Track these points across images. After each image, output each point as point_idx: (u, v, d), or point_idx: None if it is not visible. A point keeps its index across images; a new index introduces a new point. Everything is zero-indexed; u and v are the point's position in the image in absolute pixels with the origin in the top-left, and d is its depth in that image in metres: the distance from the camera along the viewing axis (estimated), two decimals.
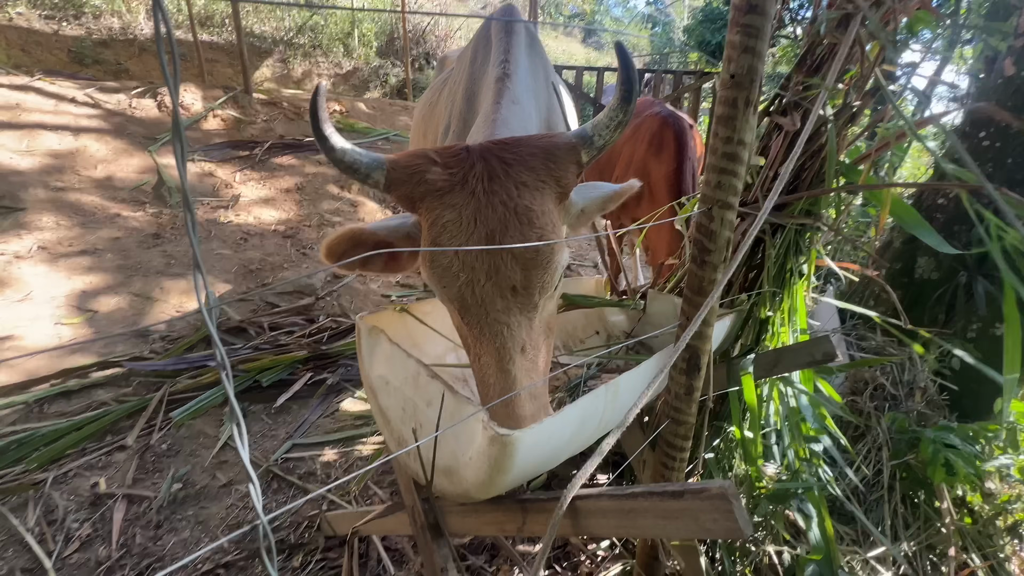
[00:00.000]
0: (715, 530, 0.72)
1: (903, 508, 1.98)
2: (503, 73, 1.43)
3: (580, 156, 1.02)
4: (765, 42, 1.04)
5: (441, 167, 0.98)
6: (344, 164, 0.97)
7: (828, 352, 1.45)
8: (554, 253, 0.98)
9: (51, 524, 1.77)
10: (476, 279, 0.94)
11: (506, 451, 0.86)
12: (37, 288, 2.97)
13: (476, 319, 0.97)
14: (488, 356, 0.97)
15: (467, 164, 0.98)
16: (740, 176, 1.12)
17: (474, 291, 0.95)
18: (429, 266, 0.98)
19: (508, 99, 1.36)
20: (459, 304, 0.98)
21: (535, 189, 0.98)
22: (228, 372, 0.52)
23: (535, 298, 0.98)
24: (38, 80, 4.94)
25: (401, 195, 0.99)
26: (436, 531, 1.22)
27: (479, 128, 1.33)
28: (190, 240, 0.47)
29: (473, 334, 0.99)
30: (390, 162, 0.99)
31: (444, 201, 0.96)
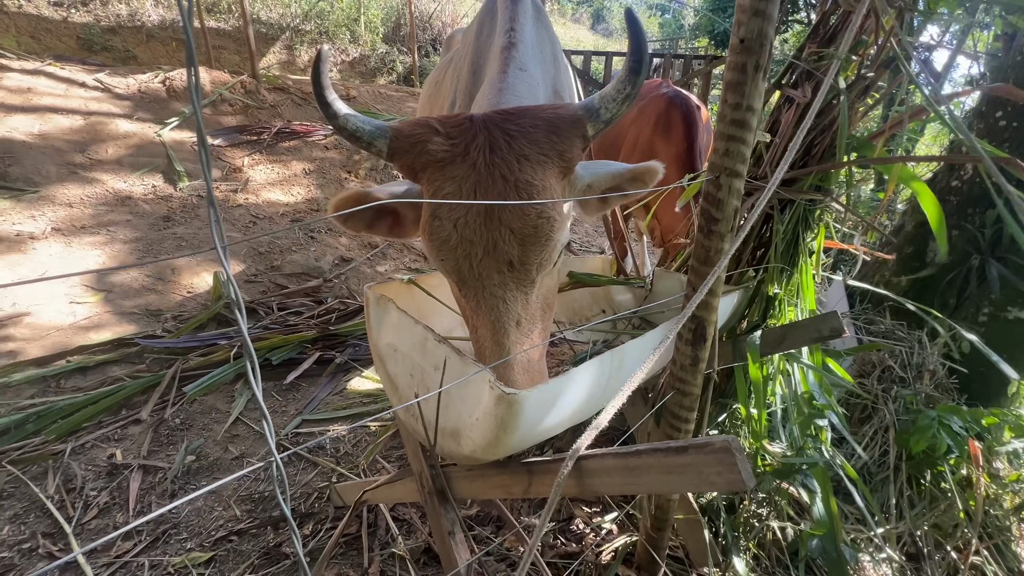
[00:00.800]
0: (718, 483, 0.73)
1: (909, 489, 1.98)
2: (509, 42, 1.41)
3: (586, 129, 0.99)
4: (776, 4, 1.02)
5: (443, 137, 0.97)
6: (347, 131, 0.97)
7: (835, 328, 1.44)
8: (553, 229, 0.97)
9: (70, 492, 1.82)
10: (473, 253, 0.94)
11: (512, 410, 0.87)
12: (52, 268, 3.03)
13: (473, 292, 0.97)
14: (484, 328, 0.97)
15: (469, 134, 0.97)
16: (749, 143, 1.11)
17: (471, 265, 0.95)
18: (428, 238, 0.98)
19: (515, 66, 1.35)
20: (456, 277, 0.98)
21: (537, 163, 0.96)
22: (242, 310, 0.54)
23: (532, 274, 0.98)
24: (49, 65, 4.98)
25: (403, 164, 0.99)
26: (443, 496, 1.24)
27: (485, 95, 1.32)
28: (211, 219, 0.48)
29: (470, 306, 0.99)
30: (393, 130, 0.99)
31: (445, 172, 0.95)
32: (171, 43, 8.93)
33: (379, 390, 2.53)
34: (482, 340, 0.98)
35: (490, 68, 1.47)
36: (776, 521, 1.70)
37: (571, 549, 1.63)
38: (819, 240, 1.72)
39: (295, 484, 1.92)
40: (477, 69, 1.64)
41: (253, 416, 2.29)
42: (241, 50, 8.85)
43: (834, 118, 1.51)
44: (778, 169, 1.18)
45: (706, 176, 1.14)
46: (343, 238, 4.20)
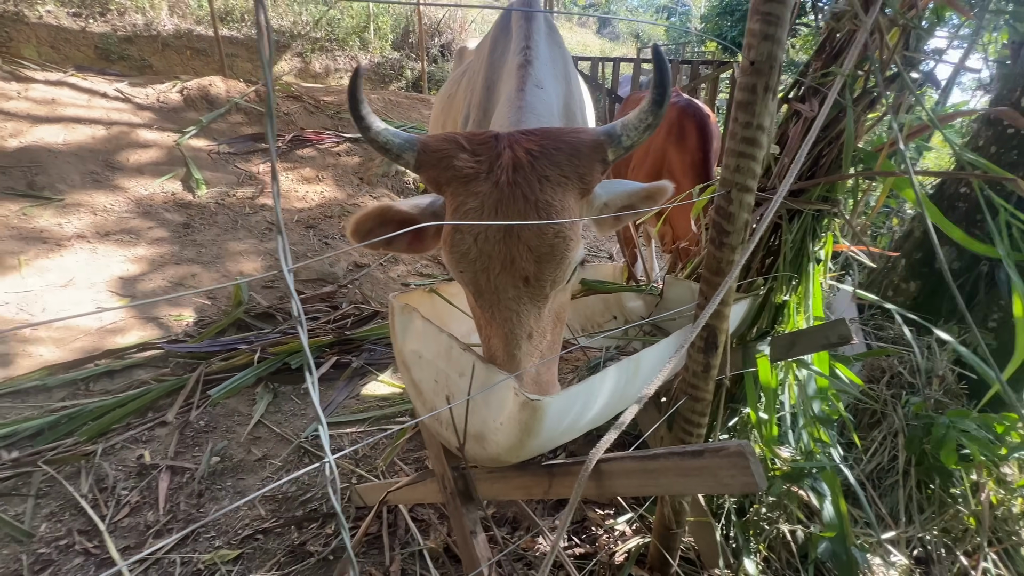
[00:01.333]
0: (732, 484, 0.78)
1: (918, 494, 2.00)
2: (525, 60, 1.46)
3: (606, 154, 1.03)
4: (785, 30, 1.07)
5: (469, 154, 1.01)
6: (378, 144, 1.01)
7: (843, 334, 1.49)
8: (568, 249, 1.00)
9: (103, 491, 1.89)
10: (491, 267, 0.98)
11: (536, 415, 0.93)
12: (79, 275, 3.13)
13: (488, 304, 1.02)
14: (497, 338, 1.02)
15: (494, 153, 1.00)
16: (758, 160, 1.16)
17: (488, 278, 0.99)
18: (448, 250, 1.02)
19: (532, 84, 1.40)
20: (473, 288, 1.03)
21: (557, 184, 1.00)
22: (303, 323, 0.60)
23: (546, 290, 1.01)
24: (71, 76, 5.12)
25: (429, 177, 1.04)
26: (466, 497, 1.30)
27: (503, 112, 1.37)
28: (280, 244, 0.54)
29: (484, 317, 1.04)
30: (421, 144, 1.03)
31: (468, 188, 0.99)
32: (185, 52, 9.11)
33: (395, 394, 2.59)
34: (494, 349, 1.02)
35: (505, 84, 1.52)
36: (786, 524, 1.74)
37: (585, 550, 1.68)
38: (827, 249, 1.76)
39: (316, 485, 1.98)
40: (491, 85, 1.69)
41: (274, 419, 2.36)
42: (253, 57, 9.02)
43: (841, 131, 1.56)
44: (785, 180, 1.23)
45: (718, 190, 1.19)
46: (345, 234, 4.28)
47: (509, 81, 1.50)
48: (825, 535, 1.57)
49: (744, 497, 1.81)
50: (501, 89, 1.58)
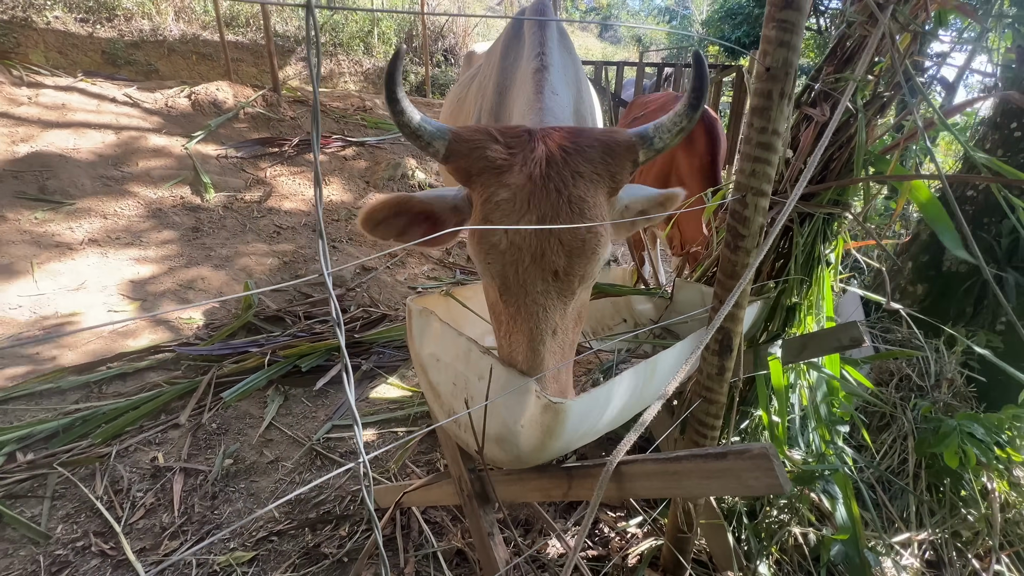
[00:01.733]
0: (756, 487, 0.79)
1: (929, 497, 2.00)
2: (541, 65, 1.47)
3: (637, 155, 1.04)
4: (800, 36, 1.09)
5: (502, 145, 1.01)
6: (410, 129, 0.98)
7: (855, 337, 1.49)
8: (599, 244, 1.00)
9: (117, 493, 1.91)
10: (521, 260, 0.97)
11: (558, 418, 0.94)
12: (91, 278, 3.15)
13: (515, 298, 1.00)
14: (520, 335, 1.00)
15: (528, 146, 1.00)
16: (774, 164, 1.17)
17: (517, 271, 0.98)
18: (478, 241, 1.00)
19: (549, 90, 1.41)
20: (501, 282, 1.00)
21: (590, 180, 1.00)
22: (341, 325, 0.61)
23: (574, 285, 1.01)
24: (80, 81, 5.17)
25: (458, 167, 1.02)
26: (483, 499, 1.31)
27: (524, 115, 1.38)
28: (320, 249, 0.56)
29: (509, 312, 1.01)
30: (453, 133, 1.01)
31: (501, 180, 0.98)
32: (191, 57, 9.17)
33: (404, 396, 2.60)
34: (515, 346, 1.00)
35: (519, 90, 1.54)
36: (798, 527, 1.74)
37: (598, 552, 1.68)
38: (837, 252, 1.77)
39: (330, 487, 1.99)
40: (503, 90, 1.71)
41: (285, 422, 2.38)
42: (258, 62, 9.07)
43: (851, 135, 1.57)
44: (798, 185, 1.24)
45: (733, 194, 1.21)
46: (363, 247, 4.31)
47: (523, 86, 1.52)
48: (837, 537, 1.58)
49: (755, 499, 1.81)
50: (514, 94, 1.60)
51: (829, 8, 7.58)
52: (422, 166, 5.57)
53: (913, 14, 1.41)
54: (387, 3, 11.13)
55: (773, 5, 1.07)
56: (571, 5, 24.36)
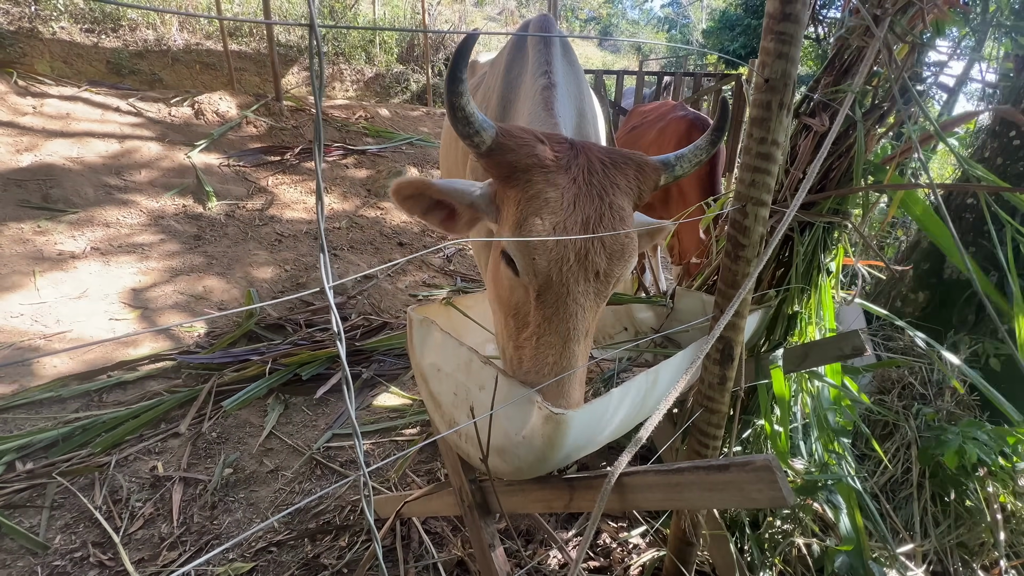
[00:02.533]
0: (760, 499, 0.79)
1: (933, 507, 1.99)
2: (549, 82, 1.51)
3: (660, 178, 1.13)
4: (798, 48, 1.10)
5: (549, 147, 1.05)
6: (463, 112, 0.97)
7: (857, 346, 1.49)
8: (634, 251, 1.07)
9: (116, 503, 1.90)
10: (566, 257, 0.99)
11: (560, 429, 0.94)
12: (92, 286, 3.16)
13: (555, 297, 1.01)
14: (554, 336, 1.00)
15: (571, 153, 1.05)
16: (773, 175, 1.18)
17: (561, 270, 1.00)
18: (523, 235, 1.00)
19: (559, 106, 1.46)
20: (543, 280, 1.01)
21: (624, 193, 1.07)
22: (342, 338, 0.61)
23: (609, 287, 1.06)
24: (85, 91, 5.22)
25: (501, 161, 1.02)
26: (484, 510, 1.30)
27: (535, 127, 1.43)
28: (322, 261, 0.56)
29: (543, 313, 1.01)
30: (501, 128, 1.03)
31: (549, 179, 1.01)
32: (195, 66, 9.26)
33: (405, 405, 2.60)
34: (545, 348, 1.00)
35: (524, 105, 1.56)
36: (801, 537, 1.73)
37: (599, 563, 1.67)
38: (837, 260, 1.77)
39: (329, 498, 1.98)
40: (507, 103, 1.73)
41: (285, 430, 2.37)
42: (261, 71, 9.16)
43: (850, 145, 1.58)
44: (797, 195, 1.25)
45: (734, 204, 1.21)
46: (364, 254, 4.32)
47: (528, 101, 1.54)
48: (841, 548, 1.56)
49: (758, 510, 1.80)
50: (518, 107, 1.62)
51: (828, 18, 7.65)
52: (423, 173, 5.59)
53: (911, 25, 1.42)
54: (388, 13, 11.24)
55: (771, 17, 1.08)
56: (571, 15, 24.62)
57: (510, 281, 1.07)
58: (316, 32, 0.50)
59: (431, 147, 6.36)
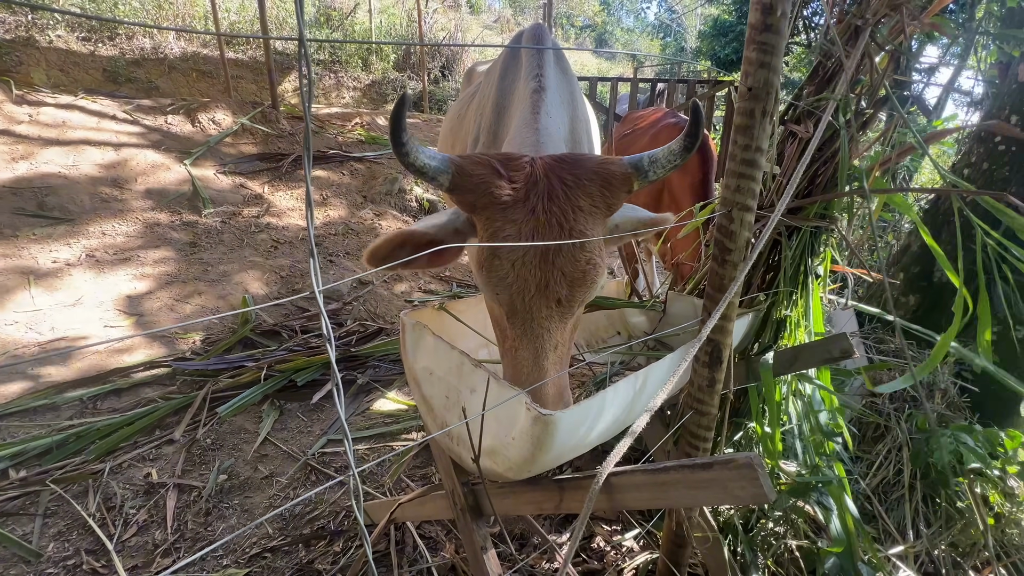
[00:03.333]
0: (742, 496, 0.80)
1: (924, 508, 2.00)
2: (539, 86, 1.53)
3: (632, 185, 1.10)
4: (780, 58, 1.13)
5: (506, 180, 1.04)
6: (415, 168, 1.01)
7: (845, 348, 1.51)
8: (598, 275, 1.08)
9: (110, 510, 1.90)
10: (527, 289, 1.03)
11: (547, 430, 0.95)
12: (87, 293, 3.16)
13: (521, 322, 1.06)
14: (526, 352, 1.06)
15: (531, 180, 1.05)
16: (757, 180, 1.20)
17: (523, 300, 1.04)
18: (487, 275, 1.05)
19: (544, 111, 1.47)
20: (508, 308, 1.07)
21: (588, 214, 1.06)
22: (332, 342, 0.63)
23: (575, 310, 1.08)
24: (81, 99, 5.24)
25: (462, 200, 1.05)
26: (476, 512, 1.31)
27: (520, 132, 1.44)
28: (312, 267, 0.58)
29: (515, 333, 1.08)
30: (456, 167, 1.04)
31: (506, 215, 1.02)
32: (192, 74, 9.29)
33: (401, 411, 2.60)
34: (521, 361, 1.07)
35: (517, 110, 1.59)
36: (793, 539, 1.74)
37: (593, 566, 1.68)
38: (825, 264, 1.80)
39: (324, 503, 1.98)
40: (501, 111, 1.76)
41: (280, 436, 2.37)
42: (258, 79, 9.20)
43: (836, 150, 1.61)
44: (781, 200, 1.28)
45: (719, 210, 1.24)
46: (360, 260, 4.33)
47: (519, 106, 1.57)
48: (832, 550, 1.57)
49: (751, 512, 1.81)
50: (511, 113, 1.65)
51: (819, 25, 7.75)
52: (419, 180, 5.62)
53: (892, 35, 1.46)
54: (385, 21, 11.33)
55: (753, 28, 1.11)
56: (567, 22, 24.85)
57: (487, 303, 1.13)
58: (305, 47, 0.52)
59: None
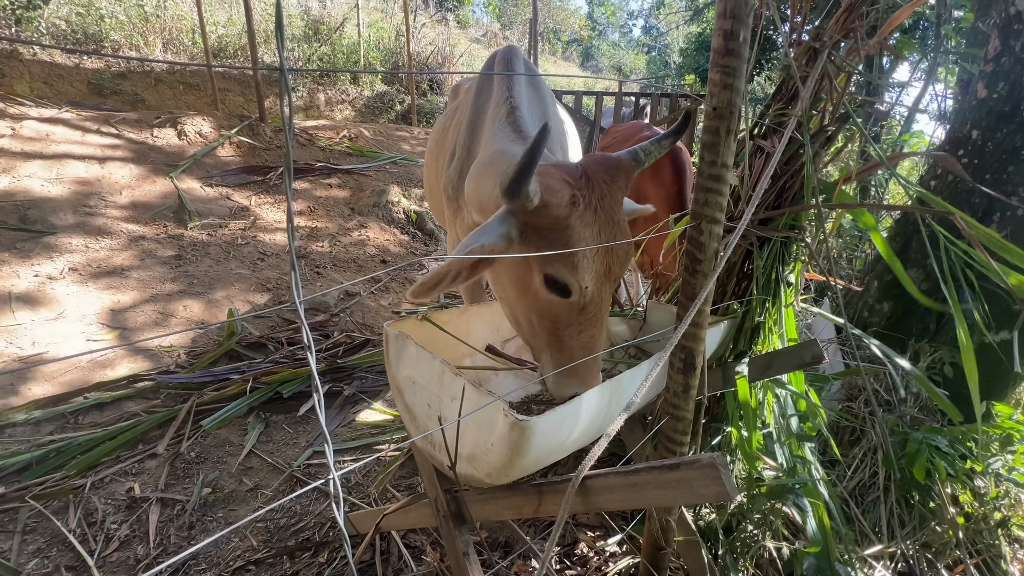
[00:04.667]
0: (707, 495, 0.85)
1: (899, 509, 2.06)
2: (512, 107, 1.64)
3: (633, 173, 1.32)
4: (742, 79, 1.20)
5: (575, 189, 1.21)
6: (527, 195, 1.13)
7: (816, 354, 1.58)
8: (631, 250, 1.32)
9: (91, 525, 1.88)
10: (601, 275, 1.24)
11: (524, 435, 0.99)
12: (69, 307, 3.13)
13: (593, 307, 1.26)
14: (594, 330, 1.27)
15: (587, 185, 1.23)
16: (725, 194, 1.27)
17: (600, 286, 1.25)
18: (580, 272, 1.20)
19: (526, 130, 1.59)
20: (589, 298, 1.24)
21: (619, 201, 1.28)
22: (312, 352, 0.66)
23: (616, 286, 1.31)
24: (65, 112, 5.21)
25: (547, 214, 1.17)
26: (459, 519, 1.33)
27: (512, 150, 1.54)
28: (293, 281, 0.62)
29: (586, 318, 1.25)
30: (543, 187, 1.17)
31: (583, 220, 1.20)
32: (178, 86, 9.28)
33: (387, 421, 2.61)
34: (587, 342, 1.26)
35: (489, 127, 1.68)
36: (772, 541, 1.78)
37: (576, 572, 1.70)
38: (796, 273, 1.87)
39: (309, 514, 1.98)
40: (475, 128, 1.86)
41: (265, 449, 2.37)
42: (245, 92, 9.22)
43: (803, 164, 1.69)
44: (747, 212, 1.34)
45: (689, 222, 1.30)
46: (347, 272, 4.34)
47: (493, 124, 1.65)
48: (809, 551, 1.62)
49: (731, 515, 1.85)
50: (484, 131, 1.74)
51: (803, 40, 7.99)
52: (406, 192, 5.67)
53: (849, 56, 1.55)
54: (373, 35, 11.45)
55: (716, 52, 1.18)
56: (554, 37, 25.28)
57: (553, 301, 1.25)
58: (286, 77, 0.56)
59: (415, 166, 6.45)
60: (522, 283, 1.29)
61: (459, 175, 1.90)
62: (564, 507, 0.94)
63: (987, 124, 2.50)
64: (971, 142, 2.74)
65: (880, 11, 2.03)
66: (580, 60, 26.39)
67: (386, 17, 12.92)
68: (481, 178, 1.47)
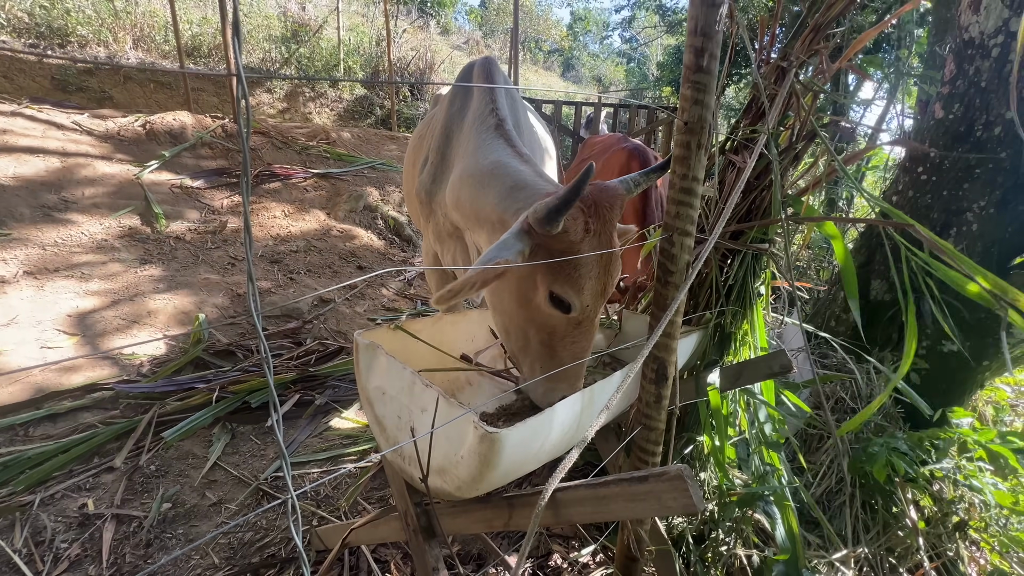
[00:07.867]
0: (674, 507, 0.85)
1: (864, 514, 2.12)
2: (499, 119, 1.69)
3: (626, 201, 1.40)
4: (712, 95, 1.22)
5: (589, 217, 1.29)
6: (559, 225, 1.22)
7: (784, 364, 1.61)
8: None
9: (39, 545, 1.77)
10: (596, 295, 1.33)
11: (494, 448, 0.98)
12: (23, 312, 2.98)
13: (588, 321, 1.35)
14: (585, 341, 1.37)
15: (597, 217, 1.31)
16: (696, 207, 1.29)
17: (595, 302, 1.34)
18: (581, 292, 1.29)
19: (519, 143, 1.64)
20: (585, 316, 1.34)
21: (615, 227, 1.37)
22: (269, 362, 0.64)
23: None
24: (25, 107, 4.99)
25: (564, 238, 1.26)
26: (429, 533, 1.31)
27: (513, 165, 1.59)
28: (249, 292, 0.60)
29: (578, 332, 1.35)
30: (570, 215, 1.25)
31: (590, 245, 1.30)
32: (149, 84, 9.01)
33: (359, 431, 2.56)
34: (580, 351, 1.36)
35: (468, 136, 1.69)
36: (742, 549, 1.80)
37: None
38: (766, 284, 1.92)
39: (275, 529, 1.92)
40: (449, 135, 1.89)
41: (231, 461, 2.28)
42: (220, 92, 9.01)
43: (772, 179, 1.74)
44: (717, 225, 1.37)
45: (662, 235, 1.31)
46: (321, 278, 4.26)
47: (480, 135, 1.67)
48: (779, 558, 1.64)
49: (703, 524, 1.87)
50: (461, 140, 1.74)
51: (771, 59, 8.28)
52: (385, 198, 5.61)
53: (815, 76, 1.60)
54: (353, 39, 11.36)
55: (688, 69, 1.20)
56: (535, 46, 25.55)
57: (553, 315, 1.33)
58: (243, 82, 0.54)
59: (394, 171, 6.40)
60: (524, 297, 1.36)
61: (432, 180, 1.91)
62: (534, 521, 0.93)
63: (944, 143, 2.62)
64: (929, 160, 2.87)
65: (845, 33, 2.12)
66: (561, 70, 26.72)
67: (367, 22, 12.86)
68: (480, 187, 1.53)
